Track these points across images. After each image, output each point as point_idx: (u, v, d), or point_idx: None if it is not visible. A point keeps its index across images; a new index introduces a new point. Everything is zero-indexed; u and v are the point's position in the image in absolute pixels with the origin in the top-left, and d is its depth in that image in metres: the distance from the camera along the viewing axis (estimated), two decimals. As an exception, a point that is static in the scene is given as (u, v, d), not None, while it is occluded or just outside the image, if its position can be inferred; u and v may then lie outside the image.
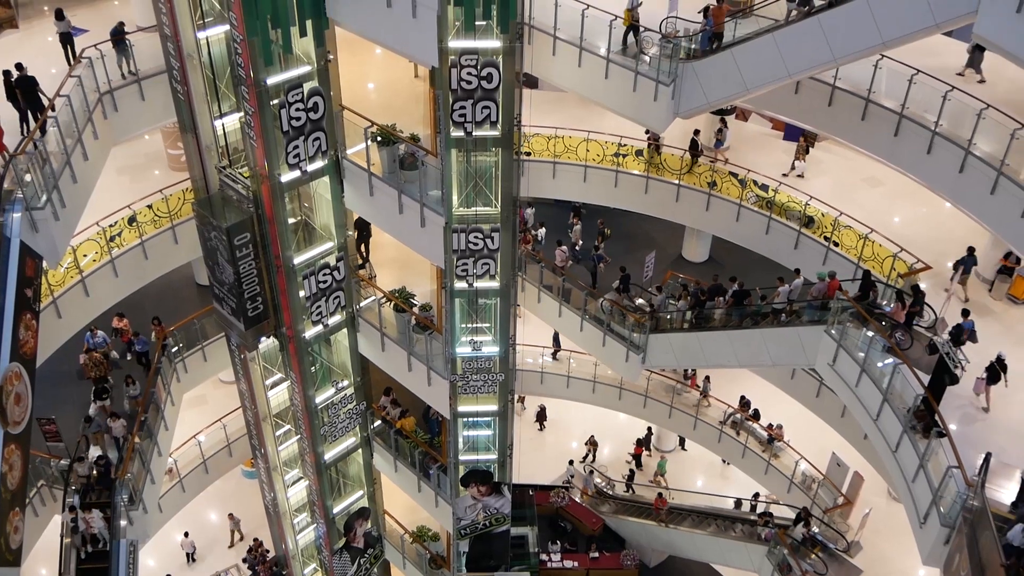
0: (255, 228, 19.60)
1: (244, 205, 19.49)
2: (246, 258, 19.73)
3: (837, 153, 25.56)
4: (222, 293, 20.91)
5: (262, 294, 20.59)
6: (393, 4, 16.22)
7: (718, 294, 23.23)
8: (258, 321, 20.94)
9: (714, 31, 18.60)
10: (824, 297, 20.84)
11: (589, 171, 24.91)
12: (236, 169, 19.90)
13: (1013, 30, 14.37)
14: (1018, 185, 16.28)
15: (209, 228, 19.85)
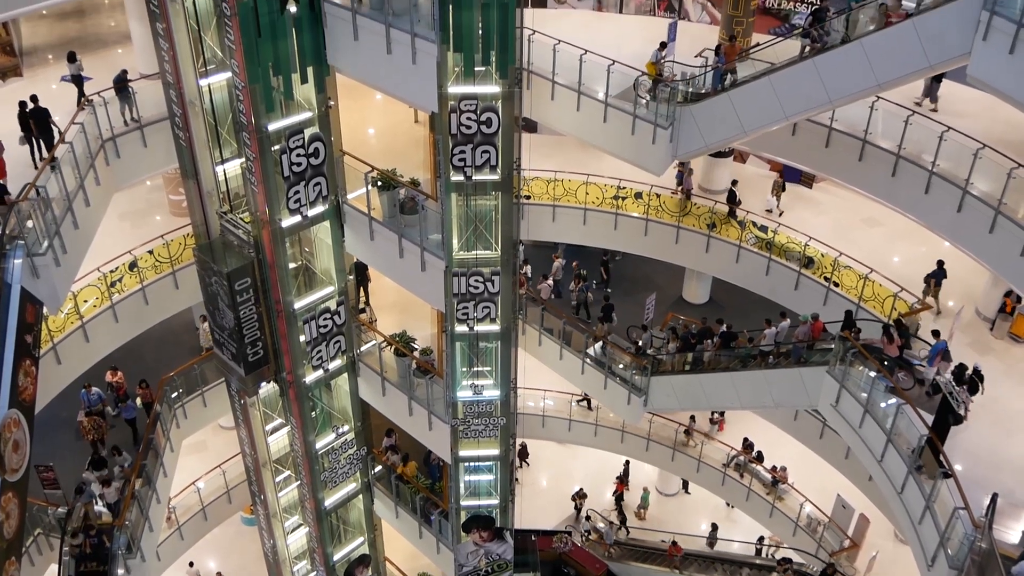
0: (256, 273, 19.63)
1: (245, 250, 19.54)
2: (246, 303, 19.74)
3: (835, 194, 25.68)
4: (222, 338, 20.88)
5: (262, 339, 20.56)
6: (393, 51, 16.40)
7: (706, 337, 23.27)
8: (258, 366, 20.90)
9: (726, 68, 18.78)
10: (809, 339, 21.06)
11: (589, 214, 25.01)
12: (237, 214, 19.98)
13: (1006, 71, 14.57)
14: (1016, 224, 16.34)
15: (210, 273, 19.88)
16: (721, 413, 28.09)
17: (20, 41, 24.75)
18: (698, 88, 19.46)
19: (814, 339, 21.04)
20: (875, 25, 16.65)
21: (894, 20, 16.10)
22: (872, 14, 16.96)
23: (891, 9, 16.39)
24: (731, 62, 18.87)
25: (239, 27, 16.49)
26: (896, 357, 19.12)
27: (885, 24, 16.23)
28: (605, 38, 23.34)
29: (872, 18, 16.98)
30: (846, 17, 17.16)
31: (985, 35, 14.72)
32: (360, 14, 16.56)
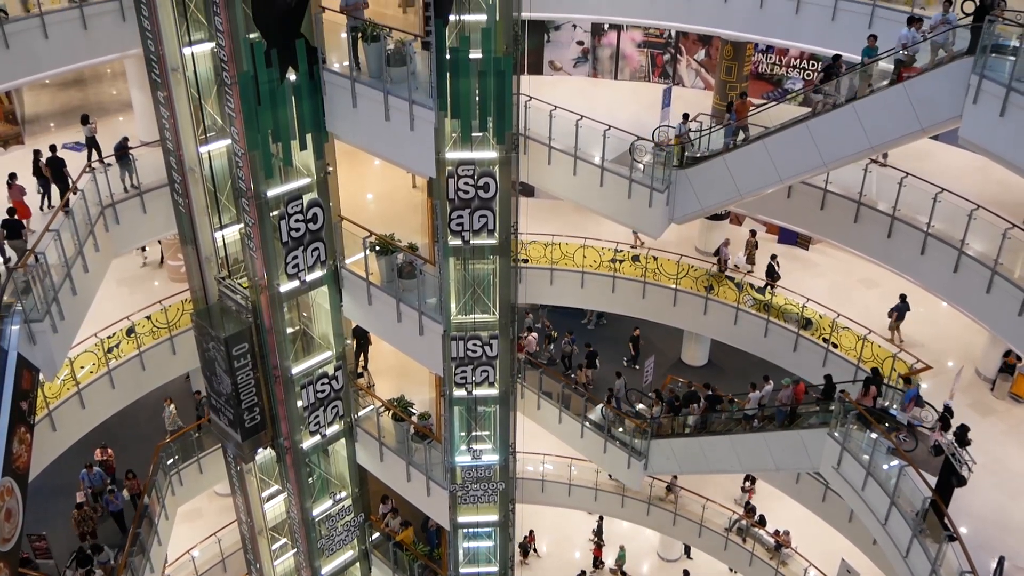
0: (253, 338, 19.59)
1: (243, 315, 19.53)
2: (244, 368, 19.67)
3: (832, 255, 25.77)
4: (219, 404, 20.75)
5: (260, 404, 20.44)
6: (391, 117, 16.60)
7: (692, 401, 23.19)
8: (255, 432, 20.74)
9: (737, 124, 18.96)
10: (792, 402, 21.12)
11: (586, 277, 25.04)
12: (235, 279, 20.01)
13: (997, 133, 14.74)
14: (1013, 284, 16.37)
15: (207, 339, 19.84)
16: (752, 481, 27.79)
17: (22, 109, 25.06)
18: (694, 152, 19.66)
19: (797, 402, 21.13)
20: (886, 81, 16.82)
21: (907, 76, 16.22)
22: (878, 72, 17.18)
23: (905, 65, 16.49)
24: (743, 119, 19.05)
25: (239, 95, 16.72)
26: (870, 408, 19.21)
27: (898, 79, 16.35)
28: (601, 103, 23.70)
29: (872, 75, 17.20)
30: (859, 69, 17.28)
31: (975, 98, 14.93)
32: (359, 82, 16.80)
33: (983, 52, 14.79)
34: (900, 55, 16.57)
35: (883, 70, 17.28)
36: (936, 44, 16.22)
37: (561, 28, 29.36)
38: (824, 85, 17.78)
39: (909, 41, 16.49)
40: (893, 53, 16.71)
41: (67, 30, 18.05)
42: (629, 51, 29.56)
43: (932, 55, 16.28)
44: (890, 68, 16.96)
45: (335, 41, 17.22)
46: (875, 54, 17.14)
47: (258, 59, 16.45)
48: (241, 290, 19.61)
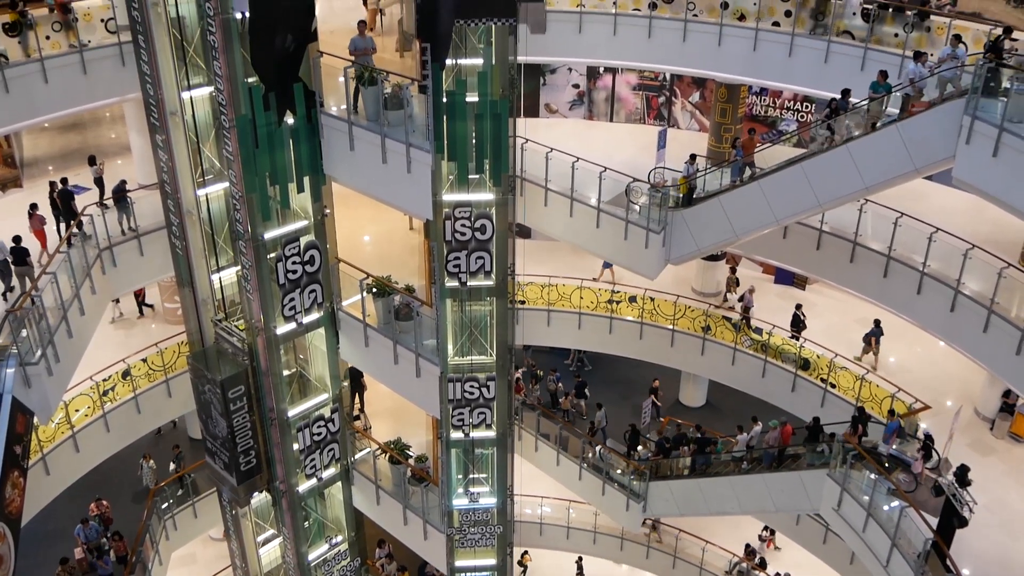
0: (250, 381, 19.52)
1: (239, 358, 19.47)
2: (240, 411, 19.55)
3: (829, 295, 25.81)
4: (215, 447, 20.61)
5: (255, 447, 20.30)
6: (388, 160, 16.69)
7: (681, 443, 23.09)
8: (251, 475, 20.56)
9: (744, 161, 19.02)
10: (780, 444, 21.10)
11: (584, 318, 25.05)
12: (232, 322, 19.98)
13: (991, 173, 14.84)
14: (1010, 323, 16.37)
15: (203, 381, 19.76)
16: (772, 532, 27.53)
17: (21, 153, 25.20)
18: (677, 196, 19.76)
19: (784, 444, 21.09)
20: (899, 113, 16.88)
21: (916, 109, 16.23)
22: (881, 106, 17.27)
23: (913, 99, 16.50)
24: (749, 155, 19.12)
25: (237, 138, 16.81)
26: (871, 448, 19.28)
27: (908, 114, 16.36)
28: (596, 146, 23.87)
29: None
30: (869, 102, 17.29)
31: (968, 139, 15.04)
32: (356, 125, 16.91)
33: (975, 93, 14.95)
34: (908, 89, 16.58)
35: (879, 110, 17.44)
36: (944, 79, 16.25)
37: (557, 71, 29.66)
38: (832, 120, 17.80)
39: (917, 76, 16.50)
40: (901, 87, 16.74)
41: (67, 74, 18.22)
42: (624, 94, 29.84)
43: (940, 90, 16.30)
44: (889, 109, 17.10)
45: (333, 85, 17.37)
46: (883, 90, 17.16)
47: (256, 103, 16.58)
48: (238, 332, 19.57)
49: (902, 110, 16.63)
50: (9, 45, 17.90)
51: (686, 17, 20.87)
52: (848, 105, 17.66)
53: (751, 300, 24.50)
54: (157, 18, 17.25)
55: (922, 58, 16.80)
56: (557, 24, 20.80)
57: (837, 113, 17.64)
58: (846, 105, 17.63)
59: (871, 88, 17.38)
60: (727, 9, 20.62)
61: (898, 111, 16.78)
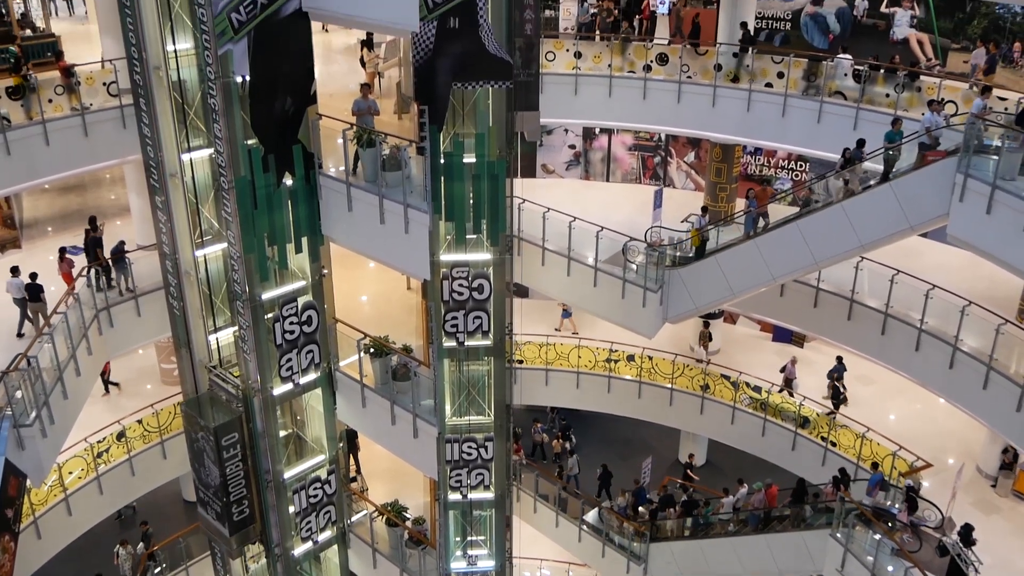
0: (243, 429, 19.23)
1: (233, 405, 19.24)
2: (233, 459, 19.21)
3: (827, 353, 25.72)
4: (207, 497, 20.22)
5: (248, 497, 19.93)
6: (386, 221, 16.77)
7: (668, 504, 22.86)
8: (244, 526, 20.12)
9: (758, 211, 19.03)
10: (765, 506, 20.96)
11: (582, 377, 24.98)
12: (226, 369, 19.79)
13: (985, 231, 14.94)
14: (1010, 380, 16.34)
15: (196, 429, 19.45)
16: None
17: (21, 214, 25.31)
18: (685, 252, 19.85)
19: (770, 506, 20.95)
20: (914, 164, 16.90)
21: (931, 158, 16.20)
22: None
23: (929, 148, 16.46)
24: (763, 206, 19.17)
25: (236, 199, 16.91)
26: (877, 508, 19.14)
27: (923, 163, 16.34)
28: (593, 205, 24.02)
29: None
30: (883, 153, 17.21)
31: (961, 196, 15.18)
32: (355, 186, 17.04)
33: (967, 151, 15.11)
34: (924, 138, 16.58)
35: (873, 170, 17.57)
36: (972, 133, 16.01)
37: (553, 132, 30.00)
38: (846, 172, 17.75)
39: (932, 125, 16.51)
40: (917, 136, 16.78)
41: (68, 137, 18.39)
42: (620, 154, 30.15)
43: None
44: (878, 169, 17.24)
45: (332, 147, 17.55)
46: (899, 138, 17.18)
47: (256, 164, 16.72)
48: (232, 379, 19.36)
49: (918, 159, 16.58)
50: (12, 108, 18.10)
51: (680, 79, 21.17)
52: (863, 155, 17.66)
53: (793, 371, 23.91)
54: (159, 81, 17.49)
55: (936, 106, 16.80)
56: (553, 87, 21.11)
57: (851, 163, 17.63)
58: (860, 155, 17.66)
59: (886, 137, 17.31)
60: (720, 71, 20.94)
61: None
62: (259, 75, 16.18)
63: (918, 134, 16.84)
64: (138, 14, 16.81)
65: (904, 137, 17.15)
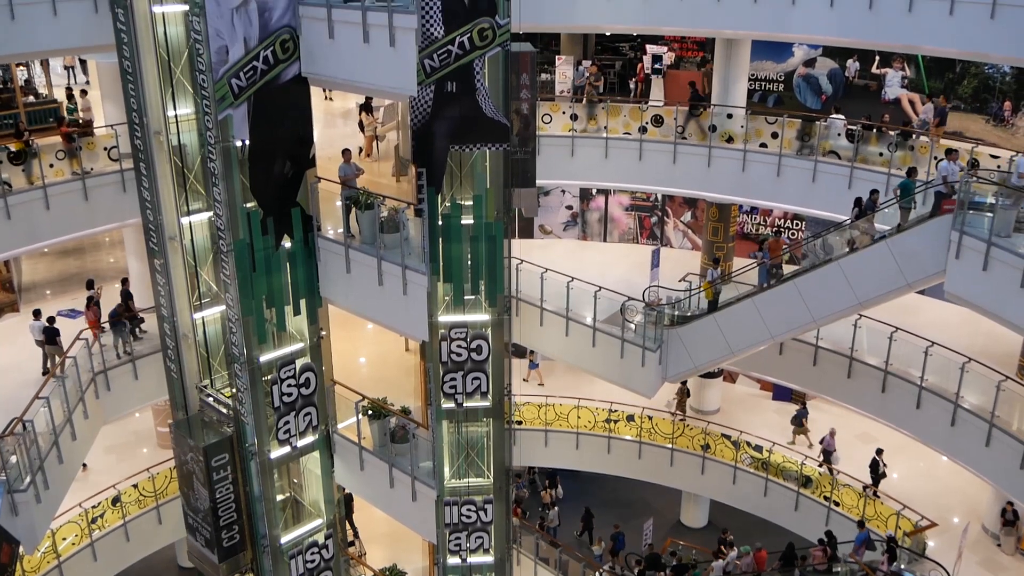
0: (234, 449, 18.86)
1: (223, 426, 18.96)
2: (223, 481, 18.81)
3: (828, 411, 25.60)
4: (196, 522, 19.70)
5: (239, 523, 19.45)
6: (384, 282, 16.81)
7: (654, 566, 22.47)
8: (234, 552, 19.54)
9: (772, 263, 19.03)
10: (754, 570, 20.66)
11: (581, 438, 24.81)
12: (217, 390, 19.56)
13: (982, 287, 14.98)
14: (1012, 437, 16.24)
15: (185, 450, 19.02)
16: None
17: (20, 277, 25.34)
18: (684, 311, 19.86)
19: (760, 569, 20.64)
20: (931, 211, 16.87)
21: (947, 207, 16.00)
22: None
23: (946, 196, 16.28)
24: (776, 256, 19.15)
25: (235, 262, 16.97)
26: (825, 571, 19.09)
27: (940, 212, 16.20)
28: (591, 265, 24.14)
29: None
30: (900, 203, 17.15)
31: (957, 254, 15.25)
32: (352, 248, 17.11)
33: (961, 208, 15.21)
34: (941, 187, 16.49)
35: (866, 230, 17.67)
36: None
37: (551, 193, 30.20)
38: (862, 221, 17.73)
39: (950, 174, 16.47)
40: (934, 185, 16.75)
41: (69, 201, 18.51)
42: (617, 214, 30.32)
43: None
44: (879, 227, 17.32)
45: (330, 209, 17.67)
46: (914, 187, 17.17)
47: (254, 227, 16.82)
48: (223, 399, 19.13)
49: (935, 208, 16.50)
50: (13, 173, 18.25)
51: (675, 140, 21.42)
52: (876, 205, 17.69)
53: (832, 443, 23.09)
54: (159, 146, 17.66)
55: (952, 156, 16.78)
56: (551, 149, 21.35)
57: (864, 213, 17.64)
58: (873, 206, 17.69)
59: (902, 187, 17.22)
60: (715, 132, 21.19)
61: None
62: (259, 139, 16.37)
63: (934, 182, 16.79)
64: (140, 80, 17.06)
65: (919, 187, 17.15)
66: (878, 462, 21.99)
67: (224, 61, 15.61)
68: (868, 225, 17.63)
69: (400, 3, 14.33)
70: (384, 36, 14.48)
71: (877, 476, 22.04)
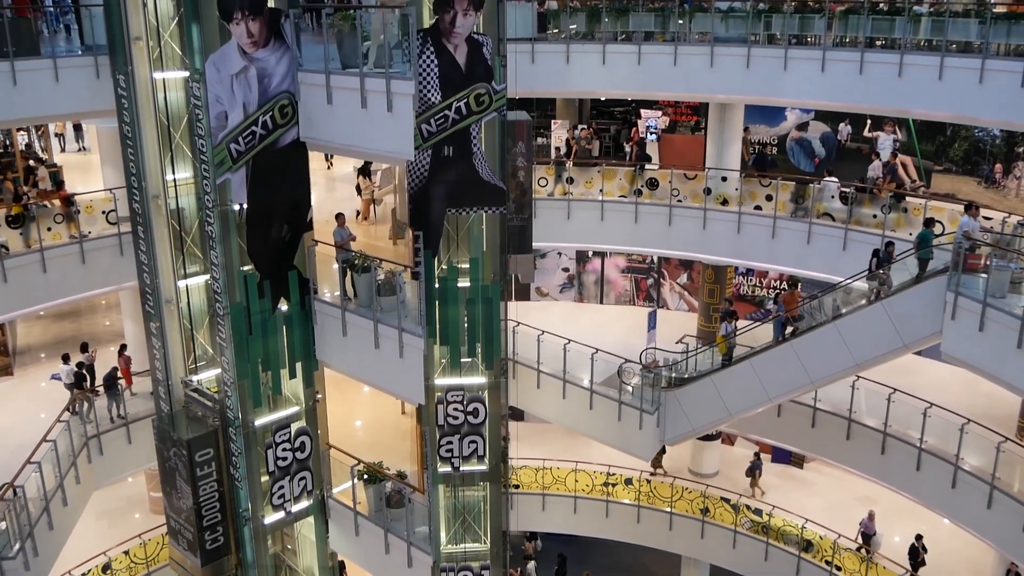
0: (219, 444, 18.35)
1: (209, 420, 18.43)
2: (207, 478, 18.23)
3: (827, 473, 25.43)
4: (178, 524, 19.04)
5: (223, 524, 18.82)
6: (381, 345, 16.78)
7: None
8: (217, 556, 18.91)
9: (787, 316, 18.96)
10: None
11: (579, 502, 24.52)
12: (203, 385, 19.17)
13: (979, 348, 14.97)
14: (1014, 499, 16.09)
15: (168, 445, 18.48)
16: None
17: (15, 341, 25.26)
18: (681, 373, 19.81)
19: None
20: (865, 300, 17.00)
21: (972, 263, 15.58)
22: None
23: (969, 251, 15.80)
24: (791, 309, 19.10)
25: (231, 326, 16.94)
26: None
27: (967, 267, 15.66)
28: (587, 327, 24.14)
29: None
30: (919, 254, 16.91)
31: (953, 315, 15.27)
32: (349, 311, 17.10)
33: (955, 270, 15.27)
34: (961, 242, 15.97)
35: (861, 289, 17.71)
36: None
37: (547, 256, 30.33)
38: (880, 272, 17.57)
39: (971, 229, 16.21)
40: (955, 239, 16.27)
41: (66, 264, 18.51)
42: (613, 276, 30.41)
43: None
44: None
45: (327, 272, 17.71)
46: (932, 238, 17.00)
47: (251, 291, 16.84)
48: (209, 393, 18.66)
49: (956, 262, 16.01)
50: (11, 236, 18.30)
51: (671, 203, 21.59)
52: (892, 257, 17.62)
53: (872, 527, 22.00)
54: (157, 210, 17.75)
55: (973, 211, 16.61)
56: (547, 211, 21.49)
57: (881, 265, 17.58)
58: (889, 257, 17.66)
59: (920, 238, 16.98)
60: (710, 194, 21.36)
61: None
62: (256, 203, 16.48)
63: (956, 239, 16.22)
64: (139, 145, 17.21)
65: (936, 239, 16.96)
66: (918, 548, 21.08)
67: (223, 126, 15.79)
68: (887, 276, 17.44)
69: (398, 69, 14.53)
70: (382, 102, 14.65)
71: (917, 563, 21.01)
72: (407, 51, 14.55)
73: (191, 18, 15.57)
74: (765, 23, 19.91)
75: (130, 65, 16.65)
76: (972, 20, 17.77)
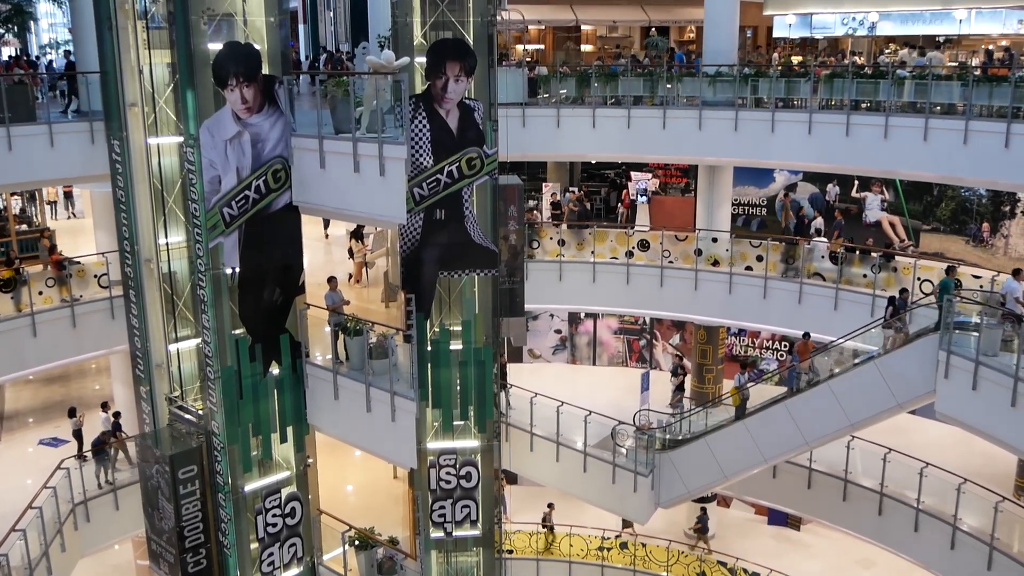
0: (203, 462, 17.76)
1: (193, 437, 17.92)
2: (190, 497, 17.56)
3: (825, 535, 25.11)
4: (159, 546, 18.31)
5: (207, 546, 18.10)
6: (373, 409, 16.65)
7: None
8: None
9: (801, 365, 18.80)
10: None
11: (574, 567, 24.14)
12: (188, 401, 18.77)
13: (972, 407, 14.95)
14: (1014, 559, 15.91)
15: (151, 463, 17.87)
16: None
17: (2, 406, 25.05)
18: (675, 435, 19.70)
19: None
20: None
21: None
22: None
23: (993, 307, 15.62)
24: (805, 359, 19.01)
25: (222, 389, 16.82)
26: None
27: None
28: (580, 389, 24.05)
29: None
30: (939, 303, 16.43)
31: (946, 373, 15.27)
32: (340, 375, 17.01)
33: (947, 329, 15.31)
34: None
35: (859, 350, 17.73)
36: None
37: (539, 317, 30.35)
38: (896, 320, 17.53)
39: (1010, 292, 16.02)
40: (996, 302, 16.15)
41: (57, 328, 18.45)
42: (606, 338, 30.41)
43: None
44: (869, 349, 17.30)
45: (319, 335, 17.65)
46: (953, 286, 16.68)
47: (243, 354, 16.75)
48: (193, 410, 18.22)
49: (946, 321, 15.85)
50: (1, 300, 18.25)
51: (662, 264, 21.69)
52: (907, 304, 17.59)
53: None
54: (149, 273, 17.75)
55: (1022, 275, 16.23)
56: (539, 273, 21.55)
57: (897, 313, 17.55)
58: (904, 304, 17.65)
59: (941, 285, 16.85)
60: (701, 256, 21.48)
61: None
62: (249, 267, 16.48)
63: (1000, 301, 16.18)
64: (133, 209, 17.27)
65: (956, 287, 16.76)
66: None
67: (216, 190, 15.86)
68: (903, 324, 17.41)
69: (390, 134, 14.68)
70: (374, 166, 14.76)
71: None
72: (399, 116, 14.72)
73: (186, 84, 15.75)
74: (752, 87, 20.26)
75: (125, 131, 16.80)
76: (955, 82, 18.11)
